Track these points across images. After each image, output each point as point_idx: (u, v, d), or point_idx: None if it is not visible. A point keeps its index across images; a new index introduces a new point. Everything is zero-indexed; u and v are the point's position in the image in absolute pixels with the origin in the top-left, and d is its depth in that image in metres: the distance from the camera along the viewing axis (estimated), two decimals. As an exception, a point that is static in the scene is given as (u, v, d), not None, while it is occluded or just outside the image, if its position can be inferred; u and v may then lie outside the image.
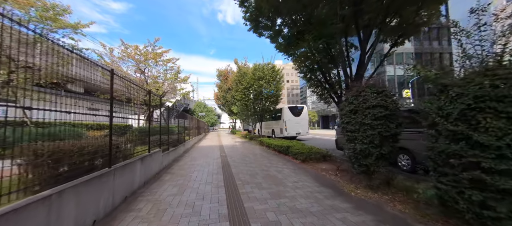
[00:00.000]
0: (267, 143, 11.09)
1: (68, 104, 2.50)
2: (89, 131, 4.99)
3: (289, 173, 5.25)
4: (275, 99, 15.13)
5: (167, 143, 7.05)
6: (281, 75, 15.47)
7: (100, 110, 3.44)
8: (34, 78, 2.82)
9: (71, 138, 3.00)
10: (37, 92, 2.34)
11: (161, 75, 14.67)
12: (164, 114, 10.98)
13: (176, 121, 10.11)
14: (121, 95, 4.02)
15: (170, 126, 9.86)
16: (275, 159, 7.42)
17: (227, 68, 26.94)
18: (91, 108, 9.14)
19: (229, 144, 14.36)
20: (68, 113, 2.50)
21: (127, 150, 4.14)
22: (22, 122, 2.44)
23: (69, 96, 2.73)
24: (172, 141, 7.99)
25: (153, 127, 6.54)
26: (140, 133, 5.95)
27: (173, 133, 8.75)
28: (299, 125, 15.59)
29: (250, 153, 9.34)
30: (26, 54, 2.15)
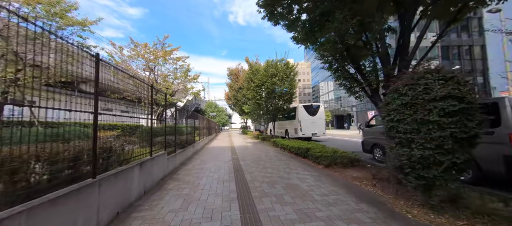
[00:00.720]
0: (281, 144, 10.23)
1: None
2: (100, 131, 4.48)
3: (314, 182, 4.38)
4: (288, 98, 14.22)
5: (174, 144, 6.43)
6: (295, 72, 14.54)
7: (108, 109, 2.82)
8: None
9: (49, 141, 2.37)
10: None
11: (171, 74, 14.28)
12: (173, 113, 10.45)
13: (186, 121, 9.54)
14: (114, 89, 3.37)
15: (178, 126, 9.32)
16: (294, 163, 6.55)
17: (238, 67, 26.34)
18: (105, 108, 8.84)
19: (241, 144, 13.65)
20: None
21: (124, 154, 3.49)
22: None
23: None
24: (180, 142, 7.39)
25: (157, 127, 5.94)
26: (143, 134, 5.36)
27: (181, 133, 8.18)
28: (315, 125, 14.55)
29: (264, 155, 8.53)
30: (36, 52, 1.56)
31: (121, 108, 11.12)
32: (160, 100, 13.44)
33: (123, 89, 10.49)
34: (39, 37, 2.04)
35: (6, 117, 2.24)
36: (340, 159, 5.60)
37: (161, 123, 14.25)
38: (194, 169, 6.03)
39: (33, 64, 2.49)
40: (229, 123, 60.27)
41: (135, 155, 3.86)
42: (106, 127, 3.57)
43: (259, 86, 14.22)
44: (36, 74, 2.78)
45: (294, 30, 6.27)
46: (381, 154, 6.43)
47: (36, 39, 1.92)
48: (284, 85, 13.73)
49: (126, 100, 11.56)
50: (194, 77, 14.63)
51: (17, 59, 5.26)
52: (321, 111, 15.04)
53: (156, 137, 5.79)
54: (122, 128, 5.58)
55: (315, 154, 6.33)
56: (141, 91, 10.31)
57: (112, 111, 3.59)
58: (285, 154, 8.81)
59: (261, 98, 14.56)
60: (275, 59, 14.20)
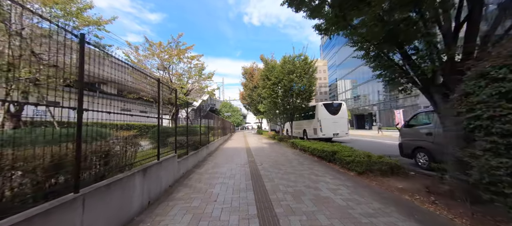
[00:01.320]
0: (301, 146, 9.38)
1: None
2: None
3: (350, 194, 3.56)
4: (307, 96, 13.28)
5: (186, 145, 5.94)
6: (314, 68, 13.55)
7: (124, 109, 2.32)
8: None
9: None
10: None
11: (185, 74, 14.04)
12: (187, 113, 10.09)
13: (199, 121, 9.09)
14: (126, 88, 2.87)
15: (192, 126, 8.90)
16: (318, 169, 5.72)
17: (252, 66, 25.75)
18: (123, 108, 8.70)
19: (257, 145, 12.99)
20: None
21: (124, 159, 2.98)
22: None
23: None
24: (193, 143, 6.91)
25: (169, 127, 5.46)
26: (153, 135, 4.90)
27: (195, 133, 7.71)
28: (336, 125, 13.43)
29: (283, 157, 7.77)
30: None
31: (134, 108, 10.84)
32: (175, 100, 13.26)
33: (135, 88, 10.35)
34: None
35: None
36: (378, 165, 4.67)
37: (175, 123, 14.09)
38: (207, 173, 5.47)
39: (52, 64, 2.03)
40: (243, 123, 60.12)
41: (138, 160, 3.35)
42: (108, 126, 3.10)
43: (275, 84, 13.46)
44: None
45: (318, 16, 5.43)
46: (426, 159, 5.36)
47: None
48: (302, 82, 12.83)
49: (134, 98, 11.45)
50: (209, 76, 14.25)
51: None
52: (343, 110, 13.86)
53: (168, 138, 5.33)
54: (123, 128, 5.19)
55: (345, 158, 5.44)
56: (146, 86, 10.04)
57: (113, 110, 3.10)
58: (306, 156, 7.97)
59: (278, 96, 13.78)
60: (292, 55, 13.34)
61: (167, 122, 13.18)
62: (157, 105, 3.95)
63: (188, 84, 14.18)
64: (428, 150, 5.26)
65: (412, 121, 5.98)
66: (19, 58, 3.38)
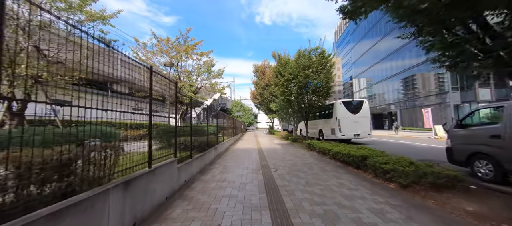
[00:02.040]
0: (320, 148, 8.34)
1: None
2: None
3: (405, 221, 2.56)
4: (324, 93, 12.15)
5: (190, 148, 5.19)
6: (331, 63, 12.38)
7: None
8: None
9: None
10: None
11: (194, 71, 13.43)
12: (190, 109, 9.40)
13: (207, 120, 8.36)
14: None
15: (199, 126, 8.17)
16: (347, 178, 4.72)
17: (264, 63, 24.84)
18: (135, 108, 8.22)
19: (269, 147, 12.08)
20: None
21: (96, 169, 2.21)
22: None
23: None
24: (199, 144, 6.15)
25: (170, 126, 4.74)
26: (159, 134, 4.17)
27: (202, 134, 6.98)
28: (357, 125, 12.17)
29: (301, 161, 6.81)
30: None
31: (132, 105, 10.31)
32: (183, 98, 12.72)
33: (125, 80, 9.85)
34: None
35: None
36: (432, 177, 3.59)
37: (184, 122, 13.56)
38: (214, 180, 4.66)
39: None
40: (255, 123, 59.38)
41: (123, 168, 2.58)
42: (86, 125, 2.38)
43: (289, 81, 12.46)
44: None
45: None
46: (489, 169, 4.18)
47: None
48: (318, 78, 11.73)
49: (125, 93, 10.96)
50: (218, 73, 13.55)
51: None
52: (365, 108, 12.55)
53: (172, 139, 4.60)
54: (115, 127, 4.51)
55: (381, 166, 4.39)
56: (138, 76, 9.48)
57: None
58: (326, 161, 6.95)
59: (291, 94, 12.77)
60: (308, 48, 12.27)
61: (172, 121, 12.68)
62: (149, 98, 3.18)
63: (197, 82, 13.58)
64: (494, 156, 4.07)
65: (466, 120, 4.77)
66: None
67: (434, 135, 15.90)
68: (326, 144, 8.26)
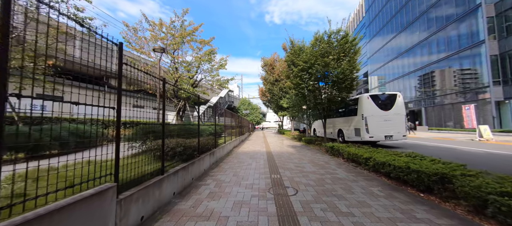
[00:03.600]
0: (351, 155, 6.25)
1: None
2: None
3: None
4: (348, 85, 9.98)
5: (161, 157, 3.33)
6: (356, 49, 10.17)
7: None
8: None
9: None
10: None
11: (195, 62, 11.65)
12: (163, 99, 7.61)
13: (198, 118, 6.51)
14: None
15: (187, 124, 6.33)
16: (428, 217, 2.66)
17: (273, 56, 22.78)
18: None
19: (280, 149, 10.08)
20: None
21: None
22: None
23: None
24: (183, 150, 4.29)
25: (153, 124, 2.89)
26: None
27: (189, 134, 5.14)
28: (389, 124, 9.90)
29: (330, 177, 4.78)
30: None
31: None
32: (181, 93, 11.00)
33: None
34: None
35: None
36: None
37: (182, 120, 11.86)
38: (194, 215, 2.77)
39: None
40: (263, 121, 57.43)
41: None
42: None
43: (304, 71, 10.37)
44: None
45: None
46: None
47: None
48: (340, 67, 9.57)
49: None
50: (221, 64, 11.67)
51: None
52: (399, 104, 10.23)
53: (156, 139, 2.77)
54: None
55: (498, 200, 2.31)
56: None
57: None
58: (365, 175, 4.88)
59: (306, 87, 10.68)
60: (328, 31, 10.13)
61: (173, 119, 11.00)
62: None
63: (197, 74, 11.79)
64: None
65: None
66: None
67: (478, 137, 13.23)
68: (361, 150, 6.15)
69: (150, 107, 8.41)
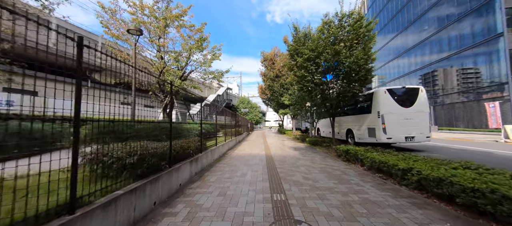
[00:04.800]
0: (375, 162, 4.78)
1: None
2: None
3: None
4: (362, 77, 8.51)
5: (120, 167, 1.84)
6: (371, 35, 8.68)
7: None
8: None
9: None
10: None
11: (184, 52, 10.12)
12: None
13: (175, 114, 5.00)
14: None
15: (162, 122, 4.90)
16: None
17: (274, 51, 21.26)
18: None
19: (282, 153, 8.59)
20: None
21: None
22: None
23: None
24: (150, 157, 2.82)
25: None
26: None
27: (178, 136, 3.68)
28: (410, 123, 8.42)
29: (358, 198, 3.29)
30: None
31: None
32: (167, 86, 9.51)
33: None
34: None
35: None
36: None
37: (168, 118, 10.38)
38: None
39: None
40: (262, 121, 55.95)
41: None
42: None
43: (310, 61, 8.90)
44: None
45: None
46: None
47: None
48: (353, 56, 8.09)
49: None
50: (214, 54, 10.14)
51: None
52: (422, 99, 8.74)
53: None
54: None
55: None
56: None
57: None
58: (405, 194, 3.40)
59: (312, 80, 9.20)
60: (339, 13, 8.64)
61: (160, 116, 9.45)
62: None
63: (186, 66, 10.28)
64: None
65: None
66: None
67: (504, 138, 11.77)
68: (391, 157, 4.68)
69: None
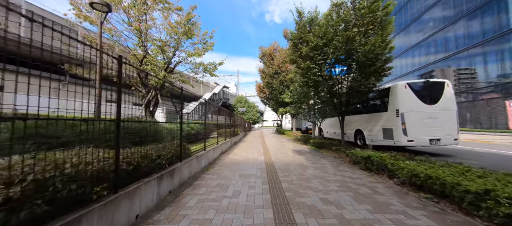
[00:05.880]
0: (417, 176, 3.48)
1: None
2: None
3: None
4: (380, 68, 7.20)
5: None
6: (389, 19, 7.39)
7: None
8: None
9: None
10: None
11: (172, 40, 8.69)
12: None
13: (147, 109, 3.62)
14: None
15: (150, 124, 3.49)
16: None
17: (273, 45, 19.90)
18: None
19: (285, 158, 7.23)
20: None
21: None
22: None
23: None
24: (62, 184, 1.45)
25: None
26: None
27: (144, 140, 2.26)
28: (435, 123, 7.16)
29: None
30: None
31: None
32: (151, 79, 8.10)
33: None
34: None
35: None
36: None
37: (151, 116, 8.97)
38: None
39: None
40: (260, 120, 54.66)
41: None
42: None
43: (317, 49, 7.58)
44: None
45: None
46: None
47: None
48: (369, 44, 6.78)
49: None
50: (206, 42, 8.72)
51: None
52: (448, 95, 7.48)
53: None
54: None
55: None
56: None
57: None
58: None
59: (319, 73, 7.88)
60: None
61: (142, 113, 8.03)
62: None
63: (174, 57, 8.86)
64: None
65: None
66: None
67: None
68: (442, 170, 3.35)
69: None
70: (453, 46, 22.78)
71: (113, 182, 2.26)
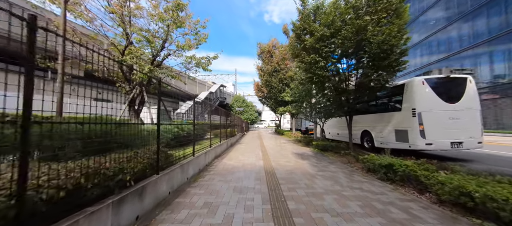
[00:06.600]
0: (474, 197, 2.61)
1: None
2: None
3: None
4: (394, 61, 6.34)
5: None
6: (404, 7, 6.53)
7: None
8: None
9: None
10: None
11: (160, 31, 7.72)
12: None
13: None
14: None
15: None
16: None
17: (272, 42, 19.01)
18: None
19: (287, 163, 6.31)
20: None
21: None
22: None
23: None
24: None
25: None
26: None
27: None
28: (457, 124, 6.34)
29: None
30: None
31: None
32: (135, 75, 7.16)
33: None
34: None
35: None
36: None
37: (137, 117, 8.02)
38: None
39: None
40: (258, 120, 53.77)
41: None
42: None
43: (324, 40, 6.70)
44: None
45: None
46: None
47: None
48: (383, 34, 5.91)
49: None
50: (197, 33, 7.77)
51: None
52: (471, 92, 6.66)
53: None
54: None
55: None
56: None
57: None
58: None
59: (326, 67, 7.00)
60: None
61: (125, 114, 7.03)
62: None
63: (163, 49, 7.90)
64: None
65: None
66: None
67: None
68: (507, 189, 2.49)
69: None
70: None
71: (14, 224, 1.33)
